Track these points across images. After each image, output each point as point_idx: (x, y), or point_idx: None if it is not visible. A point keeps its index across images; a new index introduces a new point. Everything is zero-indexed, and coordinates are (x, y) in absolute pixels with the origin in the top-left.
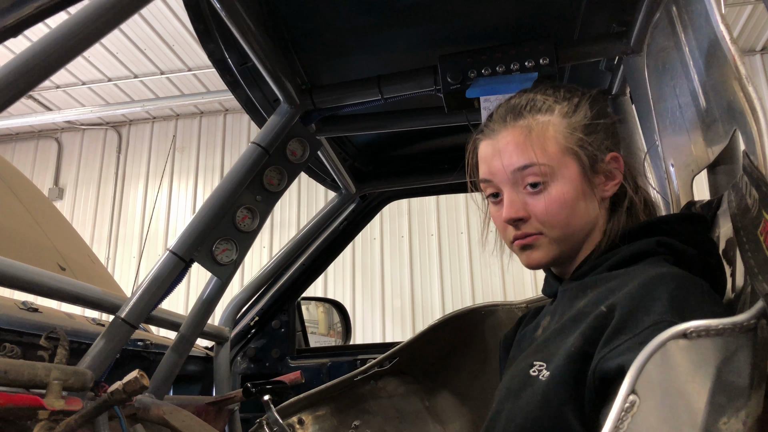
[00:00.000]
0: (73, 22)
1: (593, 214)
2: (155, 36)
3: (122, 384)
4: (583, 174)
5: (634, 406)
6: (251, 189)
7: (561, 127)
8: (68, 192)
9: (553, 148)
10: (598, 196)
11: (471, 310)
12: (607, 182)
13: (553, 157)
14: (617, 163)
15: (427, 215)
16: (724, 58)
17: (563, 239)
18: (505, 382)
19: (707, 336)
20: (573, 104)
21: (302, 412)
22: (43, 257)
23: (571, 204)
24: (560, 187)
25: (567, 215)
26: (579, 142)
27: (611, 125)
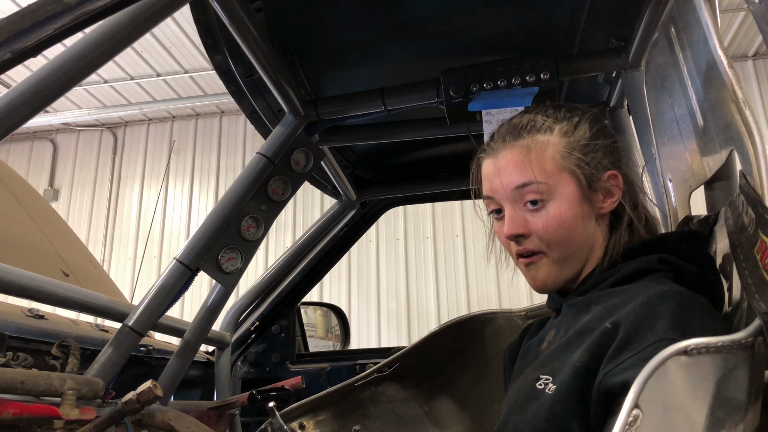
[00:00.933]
0: (87, 42)
1: (592, 231)
2: (152, 38)
3: (136, 394)
4: (580, 192)
5: (637, 420)
6: (256, 198)
7: (560, 147)
8: (63, 193)
9: (551, 167)
10: (597, 213)
11: (471, 318)
12: (605, 199)
13: (551, 176)
14: (616, 181)
15: (422, 218)
16: (721, 81)
17: (564, 258)
18: (511, 394)
19: (707, 353)
20: (572, 124)
21: (303, 416)
22: (46, 263)
23: (569, 221)
24: (558, 204)
25: (566, 234)
26: (576, 162)
27: (611, 143)
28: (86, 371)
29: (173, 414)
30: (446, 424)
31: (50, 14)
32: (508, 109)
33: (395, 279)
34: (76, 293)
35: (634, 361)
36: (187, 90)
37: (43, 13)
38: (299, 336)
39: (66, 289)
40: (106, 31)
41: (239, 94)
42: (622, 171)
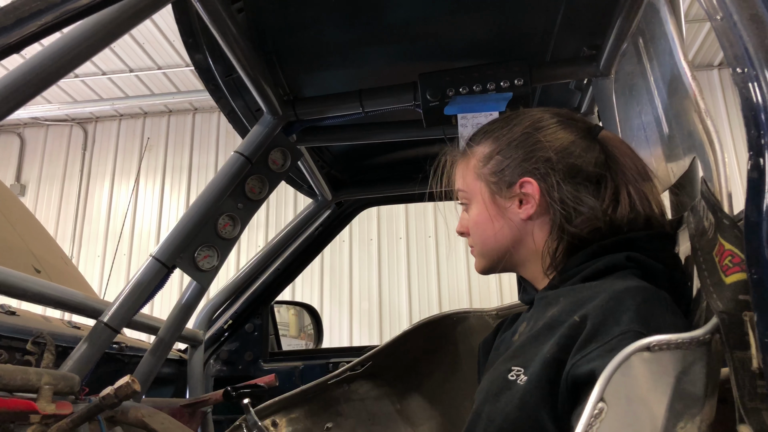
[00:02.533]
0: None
1: (509, 234)
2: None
3: (114, 389)
4: (491, 200)
5: (602, 413)
6: (233, 197)
7: (479, 158)
8: (31, 189)
9: (470, 177)
10: (514, 218)
11: (443, 317)
12: (521, 205)
13: (469, 185)
14: (530, 188)
15: (396, 219)
16: (685, 91)
17: (485, 253)
18: (484, 385)
19: (668, 349)
20: (502, 133)
21: (276, 414)
22: (17, 259)
23: (481, 224)
24: (474, 209)
25: (480, 233)
26: (488, 172)
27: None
28: (61, 367)
29: (147, 410)
30: (418, 421)
31: (34, 11)
32: (483, 114)
33: (368, 279)
34: (51, 289)
35: (601, 352)
36: (160, 86)
37: (27, 10)
38: (272, 334)
39: (41, 285)
40: (86, 30)
41: (218, 93)
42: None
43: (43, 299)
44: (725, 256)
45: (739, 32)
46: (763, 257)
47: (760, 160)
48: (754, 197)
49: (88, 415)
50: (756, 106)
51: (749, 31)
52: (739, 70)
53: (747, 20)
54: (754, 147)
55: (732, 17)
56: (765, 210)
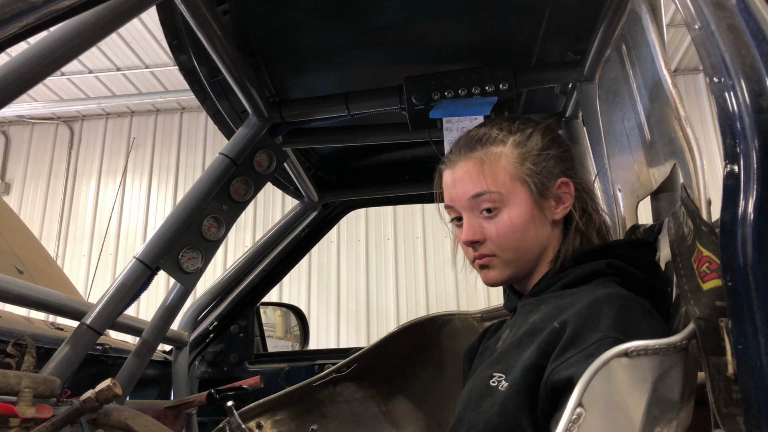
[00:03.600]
0: (52, 40)
1: (544, 236)
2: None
3: (94, 392)
4: (532, 200)
5: (580, 418)
6: (218, 199)
7: (512, 158)
8: (15, 187)
9: (504, 177)
10: (549, 219)
11: (429, 319)
12: (557, 206)
13: (504, 185)
14: (567, 188)
15: (384, 220)
16: (666, 99)
17: (515, 260)
18: (466, 391)
19: (645, 355)
20: (525, 135)
21: (261, 416)
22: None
23: (521, 228)
24: (511, 212)
25: (518, 238)
26: (528, 171)
27: (562, 152)
28: (42, 369)
29: (130, 413)
30: (403, 423)
31: (15, 12)
32: (468, 117)
33: (355, 280)
34: (33, 291)
35: (579, 358)
36: (147, 85)
37: (8, 11)
38: (258, 336)
39: (22, 287)
40: (72, 28)
41: (203, 95)
42: (574, 178)
43: (24, 301)
44: (703, 262)
45: (717, 42)
46: (738, 264)
47: (735, 168)
48: (730, 205)
49: (68, 419)
50: (732, 115)
51: (726, 41)
52: (716, 80)
53: (724, 30)
54: (729, 155)
55: (710, 27)
56: (740, 217)
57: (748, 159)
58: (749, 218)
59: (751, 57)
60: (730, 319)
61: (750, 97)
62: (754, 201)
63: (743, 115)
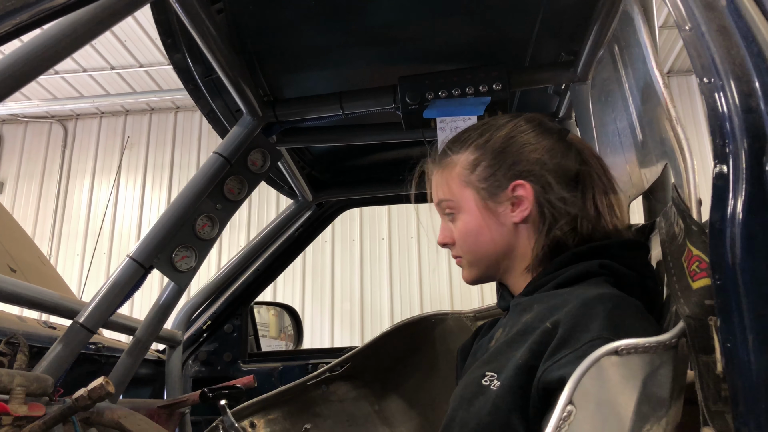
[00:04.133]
0: (45, 38)
1: (503, 239)
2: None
3: (87, 391)
4: (483, 205)
5: (571, 416)
6: (212, 198)
7: (465, 165)
8: (9, 186)
9: (456, 185)
10: (507, 222)
11: (422, 318)
12: (513, 209)
13: (456, 193)
14: (523, 190)
15: (378, 220)
16: (658, 99)
17: (476, 262)
18: (459, 390)
19: (636, 353)
20: (484, 140)
21: (254, 415)
22: None
23: (474, 232)
24: (463, 217)
25: (472, 242)
26: (477, 178)
27: (525, 151)
28: (35, 368)
29: (123, 412)
30: (396, 422)
31: (9, 10)
32: (462, 117)
33: (350, 280)
34: (25, 289)
35: (571, 358)
36: (141, 84)
37: (1, 9)
38: (252, 335)
39: (15, 285)
40: (64, 28)
41: (197, 93)
42: (533, 179)
43: (17, 299)
44: (693, 261)
45: (707, 43)
46: (727, 263)
47: (724, 168)
48: (719, 205)
49: (60, 417)
50: (721, 116)
51: (716, 42)
52: (705, 80)
53: (714, 31)
54: (719, 155)
55: (700, 28)
56: (729, 217)
57: (737, 159)
58: (738, 218)
59: (741, 58)
60: (719, 318)
61: (739, 97)
62: (742, 201)
63: (732, 116)
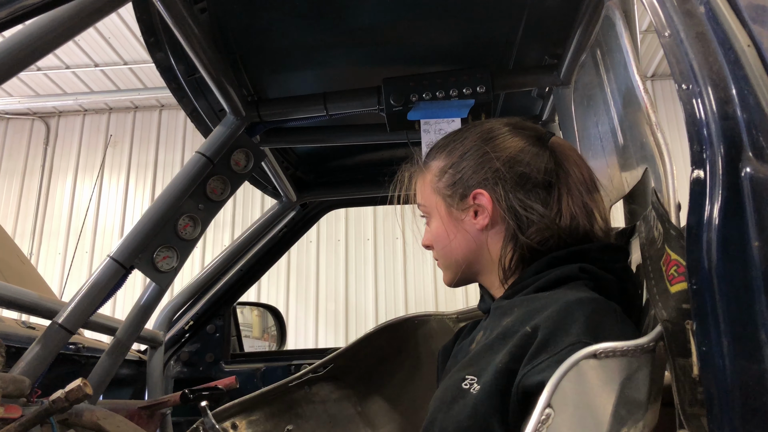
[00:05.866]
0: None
1: (470, 245)
2: (90, 27)
3: (65, 392)
4: (447, 212)
5: (549, 419)
6: (194, 197)
7: (435, 173)
8: None
9: (428, 191)
10: (471, 229)
11: (405, 319)
12: (476, 217)
13: (427, 199)
14: (483, 199)
15: (364, 220)
16: (638, 104)
17: (449, 265)
18: (438, 393)
19: (614, 356)
20: (454, 147)
21: (236, 416)
22: None
23: (442, 237)
24: (434, 223)
25: (441, 247)
26: (443, 185)
27: (490, 160)
28: (12, 369)
29: (102, 413)
30: (378, 423)
31: None
32: (446, 120)
33: (335, 280)
34: (3, 289)
35: (550, 363)
36: (126, 82)
37: None
38: (234, 336)
39: None
40: (46, 23)
41: (180, 93)
42: (493, 188)
43: None
44: (671, 265)
45: (685, 49)
46: (703, 267)
47: (701, 174)
48: (696, 209)
49: (37, 419)
50: (699, 122)
51: (695, 48)
52: (684, 86)
53: (693, 38)
54: (696, 161)
55: (679, 34)
56: (705, 222)
57: (713, 165)
58: (714, 223)
59: (718, 65)
60: (695, 322)
61: (716, 103)
62: (719, 206)
63: (710, 122)
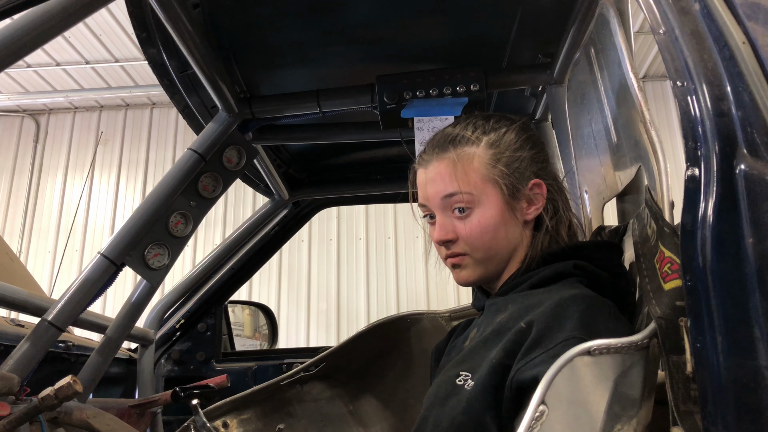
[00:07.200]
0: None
1: (515, 237)
2: (81, 24)
3: (54, 390)
4: (504, 201)
5: (543, 415)
6: (186, 195)
7: (485, 159)
8: None
9: (476, 178)
10: (521, 219)
11: (398, 318)
12: (529, 207)
13: (476, 186)
14: (539, 189)
15: (356, 220)
16: (632, 102)
17: (486, 260)
18: (432, 389)
19: (608, 353)
20: (498, 136)
21: (227, 415)
22: None
23: (492, 228)
24: (482, 212)
25: (489, 238)
26: (500, 172)
27: (535, 153)
28: (0, 366)
29: (92, 411)
30: (370, 422)
31: None
32: (439, 118)
33: (326, 279)
34: None
35: (544, 358)
36: (117, 79)
37: None
38: (226, 334)
39: None
40: (36, 18)
41: (172, 89)
42: (546, 179)
43: None
44: (665, 263)
45: (680, 47)
46: (697, 264)
47: (696, 171)
48: (690, 207)
49: (25, 417)
50: (694, 119)
51: (690, 46)
52: (679, 84)
53: (688, 35)
54: (691, 158)
55: (674, 32)
56: (700, 219)
57: (708, 162)
58: (709, 220)
59: (713, 62)
60: (689, 319)
61: (711, 101)
62: (713, 203)
63: (704, 119)
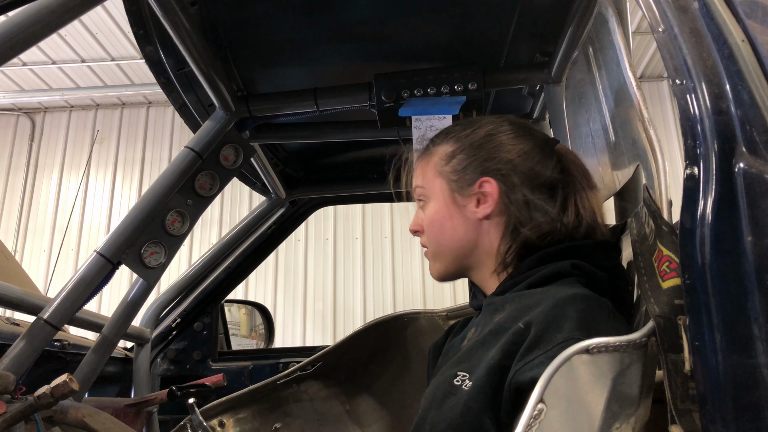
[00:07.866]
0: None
1: (465, 234)
2: (77, 22)
3: (50, 388)
4: (449, 197)
5: (541, 414)
6: (182, 193)
7: (442, 155)
8: None
9: (431, 174)
10: (471, 217)
11: (395, 317)
12: (479, 205)
13: (428, 181)
14: (489, 188)
15: (352, 219)
16: (630, 101)
17: (439, 254)
18: (430, 390)
19: (606, 352)
20: (465, 133)
21: (223, 414)
22: None
23: (438, 223)
24: (431, 206)
25: (436, 233)
26: (450, 169)
27: (495, 150)
28: None
29: (88, 410)
30: (366, 422)
31: None
32: (437, 116)
33: (323, 279)
34: None
35: (543, 359)
36: (113, 78)
37: None
38: (222, 334)
39: None
40: (30, 15)
41: (169, 87)
42: (502, 178)
43: None
44: (663, 261)
45: (679, 45)
46: (696, 263)
47: (695, 170)
48: (689, 205)
49: (21, 415)
50: (693, 117)
51: (689, 44)
52: (678, 82)
53: (687, 34)
54: (690, 157)
55: (673, 30)
56: (699, 217)
57: (707, 160)
58: (708, 218)
59: (712, 60)
60: (688, 317)
61: (710, 99)
62: (712, 202)
63: (703, 117)
